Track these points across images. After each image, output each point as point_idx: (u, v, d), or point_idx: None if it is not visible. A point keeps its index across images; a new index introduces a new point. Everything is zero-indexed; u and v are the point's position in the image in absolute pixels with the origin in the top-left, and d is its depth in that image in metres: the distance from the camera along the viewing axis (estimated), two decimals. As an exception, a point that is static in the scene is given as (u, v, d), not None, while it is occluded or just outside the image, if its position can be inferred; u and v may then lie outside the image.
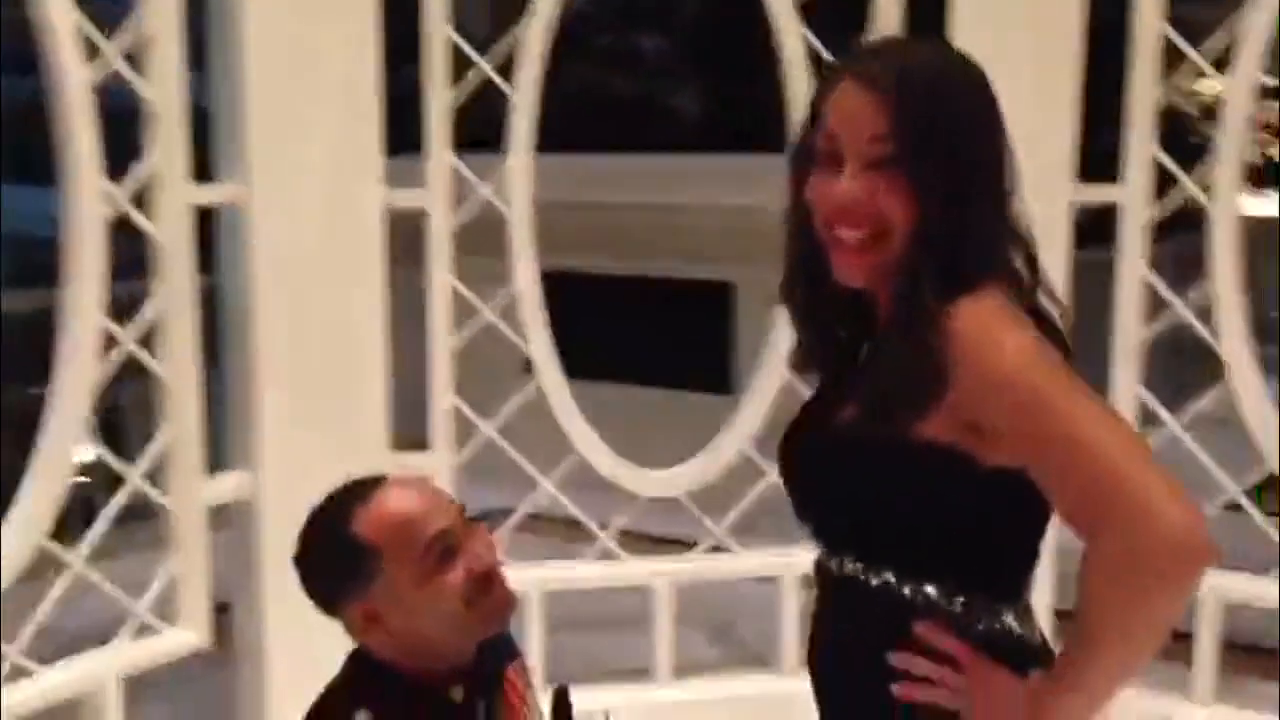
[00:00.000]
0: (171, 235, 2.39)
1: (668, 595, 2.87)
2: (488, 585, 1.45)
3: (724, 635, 3.34)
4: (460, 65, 2.71)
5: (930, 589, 1.30)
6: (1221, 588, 2.68)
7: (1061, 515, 1.24)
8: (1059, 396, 1.20)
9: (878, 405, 1.28)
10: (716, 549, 2.94)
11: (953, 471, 1.25)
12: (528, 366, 2.87)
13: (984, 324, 1.23)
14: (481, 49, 2.73)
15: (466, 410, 2.79)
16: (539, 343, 2.80)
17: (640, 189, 4.73)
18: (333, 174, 2.59)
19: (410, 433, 2.80)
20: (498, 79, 2.73)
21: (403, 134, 2.69)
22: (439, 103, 2.70)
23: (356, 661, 1.52)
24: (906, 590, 1.31)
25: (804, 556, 2.93)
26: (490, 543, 1.48)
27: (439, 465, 2.75)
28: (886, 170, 1.26)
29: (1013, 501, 1.26)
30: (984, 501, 1.26)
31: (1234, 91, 2.68)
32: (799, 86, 2.80)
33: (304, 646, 2.47)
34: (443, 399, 2.76)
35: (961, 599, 1.30)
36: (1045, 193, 2.29)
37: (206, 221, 2.54)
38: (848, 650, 1.39)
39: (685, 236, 4.74)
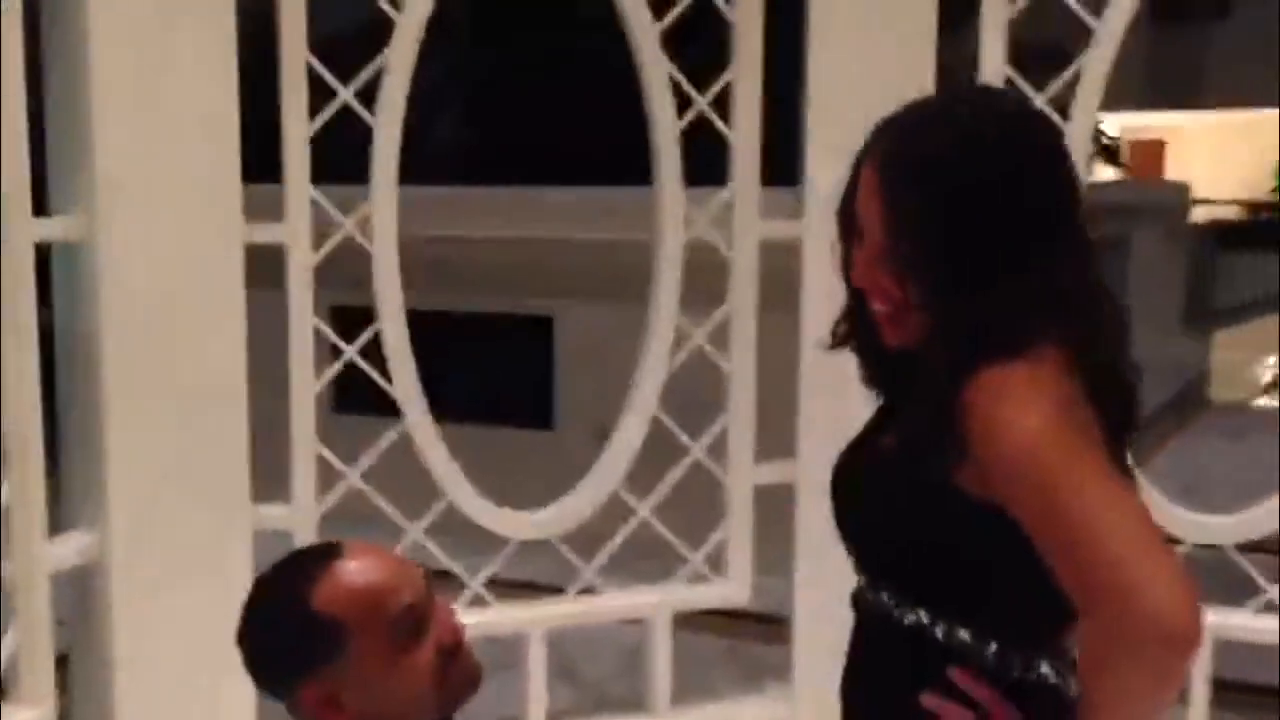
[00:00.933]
0: (14, 272, 2.16)
1: (540, 641, 2.78)
2: (456, 659, 1.35)
3: (571, 679, 3.27)
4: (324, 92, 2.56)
5: (964, 633, 1.30)
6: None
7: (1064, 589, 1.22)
8: (1060, 475, 1.18)
9: (908, 457, 1.28)
10: (584, 592, 2.87)
11: (985, 519, 1.24)
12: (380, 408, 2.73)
13: (997, 399, 1.21)
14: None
15: (330, 456, 2.63)
16: (405, 383, 2.67)
17: (455, 222, 4.63)
18: (187, 206, 2.40)
19: (273, 483, 2.61)
20: (359, 108, 2.59)
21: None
22: (296, 133, 2.55)
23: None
24: (939, 631, 1.30)
25: (675, 594, 2.96)
26: (454, 611, 1.38)
27: (302, 517, 2.58)
28: (884, 253, 1.29)
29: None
30: (1018, 550, 1.24)
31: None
32: (664, 115, 2.77)
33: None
34: (305, 446, 2.59)
35: (995, 646, 1.29)
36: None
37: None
38: (878, 685, 1.38)
39: (503, 270, 4.66)
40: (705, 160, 2.89)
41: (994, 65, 2.86)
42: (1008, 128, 1.29)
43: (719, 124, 2.83)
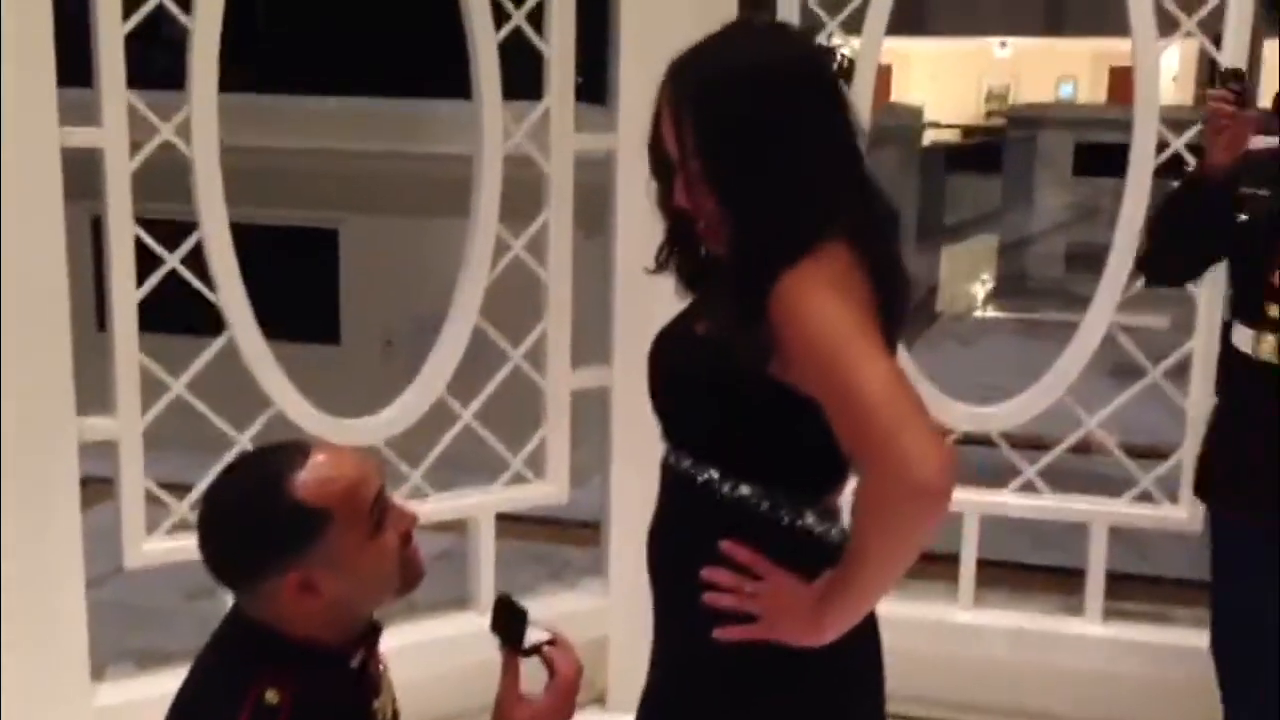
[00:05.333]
0: None
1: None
2: (412, 550, 1.46)
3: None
4: None
5: (745, 489, 1.52)
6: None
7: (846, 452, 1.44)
8: (841, 357, 1.37)
9: (722, 347, 1.47)
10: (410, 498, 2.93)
11: (783, 399, 1.45)
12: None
13: (793, 296, 1.41)
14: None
15: (155, 368, 2.58)
16: (231, 293, 2.64)
17: (235, 132, 4.48)
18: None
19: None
20: (174, 7, 2.52)
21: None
22: (109, 34, 2.45)
23: (250, 636, 1.43)
24: (726, 488, 1.53)
25: (498, 495, 3.06)
26: (406, 506, 1.48)
27: (125, 429, 2.54)
28: (690, 174, 1.48)
29: (814, 415, 1.43)
30: (801, 424, 1.45)
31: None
32: (483, 28, 2.81)
33: None
34: (127, 358, 2.53)
35: (769, 500, 1.52)
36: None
37: None
38: (675, 533, 1.61)
39: (286, 181, 4.56)
40: (512, 76, 2.94)
41: (793, -12, 3.03)
42: (777, 56, 1.49)
43: (534, 38, 2.89)
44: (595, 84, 3.04)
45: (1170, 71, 16.15)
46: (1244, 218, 2.42)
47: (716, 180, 1.47)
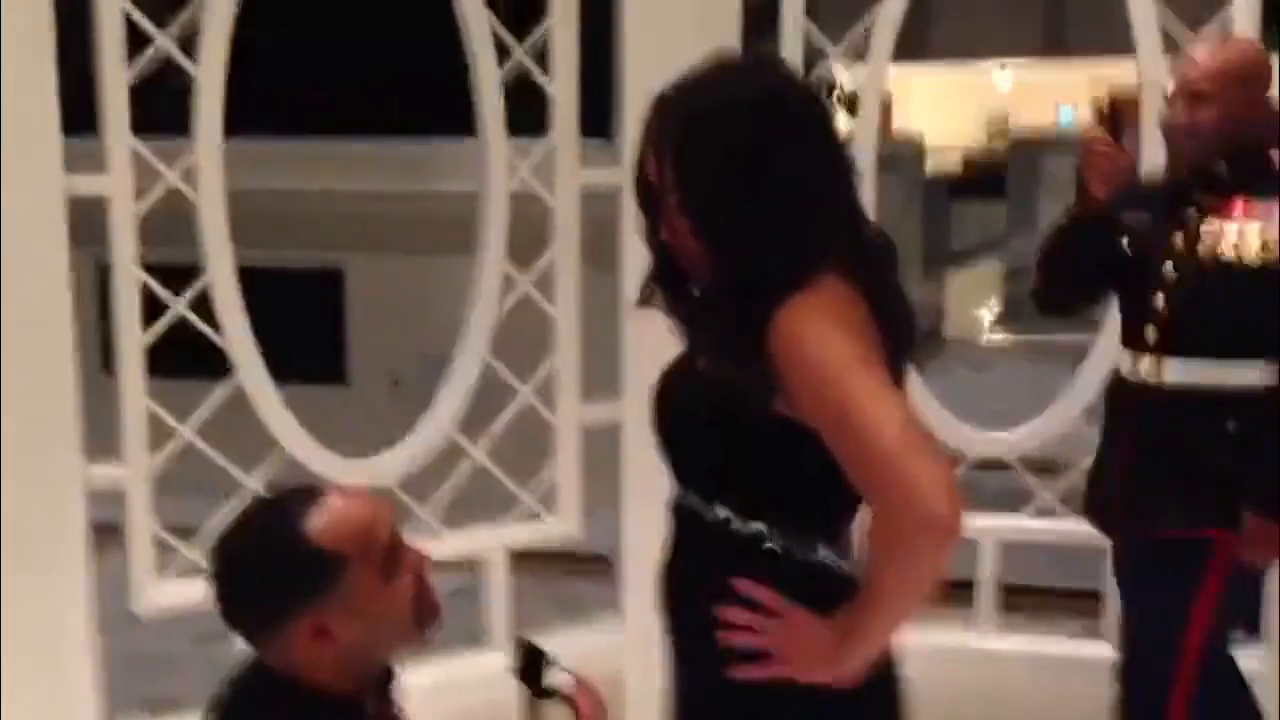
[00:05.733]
0: None
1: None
2: (425, 589, 1.44)
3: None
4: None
5: (757, 525, 1.50)
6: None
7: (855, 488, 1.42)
8: (849, 393, 1.35)
9: (724, 386, 1.45)
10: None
11: (790, 435, 1.43)
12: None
13: (792, 332, 1.39)
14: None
15: (163, 414, 2.57)
16: (238, 337, 2.64)
17: (241, 175, 4.50)
18: (5, 158, 2.30)
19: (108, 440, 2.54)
20: (178, 54, 2.53)
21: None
22: (113, 81, 2.46)
23: (264, 683, 1.42)
24: (737, 525, 1.51)
25: (511, 533, 3.04)
26: (420, 547, 1.46)
27: (133, 475, 2.53)
28: (673, 210, 1.48)
29: (821, 447, 1.41)
30: (809, 458, 1.42)
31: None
32: (486, 64, 2.81)
33: None
34: (135, 406, 2.52)
35: (781, 536, 1.50)
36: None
37: None
38: (687, 571, 1.59)
39: (291, 223, 4.57)
40: (514, 113, 2.94)
41: (794, 17, 3.03)
42: (762, 89, 1.48)
43: (537, 74, 2.89)
44: (596, 119, 3.04)
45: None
46: (1126, 243, 2.49)
47: (698, 215, 1.46)
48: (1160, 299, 2.42)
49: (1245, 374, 2.36)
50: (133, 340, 2.52)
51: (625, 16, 2.90)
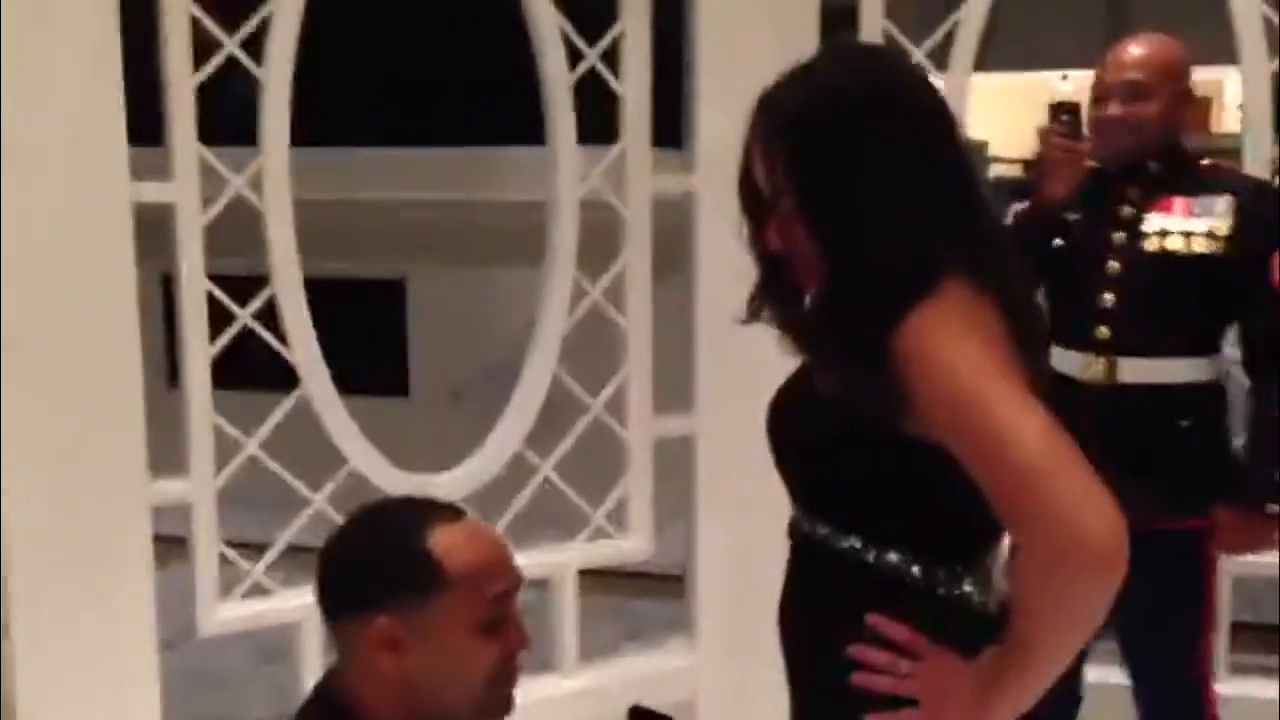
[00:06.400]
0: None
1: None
2: (512, 673, 1.36)
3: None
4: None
5: (893, 556, 1.37)
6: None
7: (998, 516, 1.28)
8: (991, 413, 1.22)
9: (850, 406, 1.33)
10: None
11: (923, 457, 1.30)
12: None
13: (923, 342, 1.27)
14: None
15: (228, 428, 2.52)
16: (305, 348, 2.58)
17: (304, 185, 4.48)
18: (73, 168, 2.25)
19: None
20: (246, 60, 2.48)
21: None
22: (180, 88, 2.41)
23: (329, 714, 1.35)
24: (871, 556, 1.37)
25: (580, 552, 2.95)
26: (527, 635, 1.38)
27: (199, 490, 2.47)
28: (785, 214, 1.36)
29: (960, 470, 1.28)
30: (946, 482, 1.29)
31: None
32: (557, 69, 2.75)
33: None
34: (201, 420, 2.47)
35: (920, 567, 1.37)
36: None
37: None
38: (815, 605, 1.45)
39: (353, 234, 4.53)
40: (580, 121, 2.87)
41: (872, 19, 2.94)
42: (864, 75, 1.36)
43: (610, 79, 2.82)
44: (665, 127, 2.96)
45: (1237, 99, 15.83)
46: (1059, 243, 2.48)
47: (813, 217, 1.34)
48: (1109, 297, 2.42)
49: (1198, 369, 2.41)
50: (199, 352, 2.46)
51: (699, 20, 2.82)
